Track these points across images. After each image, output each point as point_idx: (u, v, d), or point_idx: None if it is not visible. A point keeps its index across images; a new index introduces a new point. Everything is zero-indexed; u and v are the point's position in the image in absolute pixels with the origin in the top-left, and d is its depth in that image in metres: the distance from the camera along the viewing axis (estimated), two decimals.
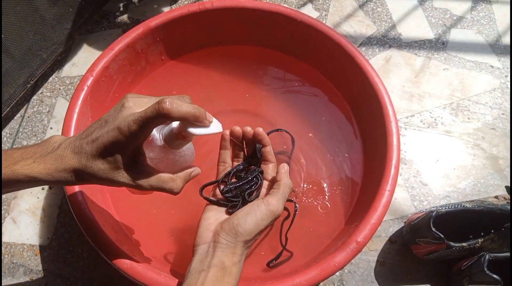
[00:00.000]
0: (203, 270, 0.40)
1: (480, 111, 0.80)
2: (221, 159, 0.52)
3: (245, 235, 0.41)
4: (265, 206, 0.43)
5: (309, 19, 0.70)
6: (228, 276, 0.40)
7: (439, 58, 0.86)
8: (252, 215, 0.43)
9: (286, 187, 0.46)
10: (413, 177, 0.73)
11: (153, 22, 0.69)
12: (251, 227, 0.42)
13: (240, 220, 0.42)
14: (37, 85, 0.83)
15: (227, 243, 0.41)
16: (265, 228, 0.43)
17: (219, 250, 0.41)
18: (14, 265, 0.67)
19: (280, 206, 0.44)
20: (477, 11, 0.92)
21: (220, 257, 0.40)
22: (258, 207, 0.43)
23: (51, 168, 0.38)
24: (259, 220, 0.42)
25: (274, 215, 0.43)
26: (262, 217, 0.43)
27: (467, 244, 0.59)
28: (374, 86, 0.64)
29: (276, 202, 0.44)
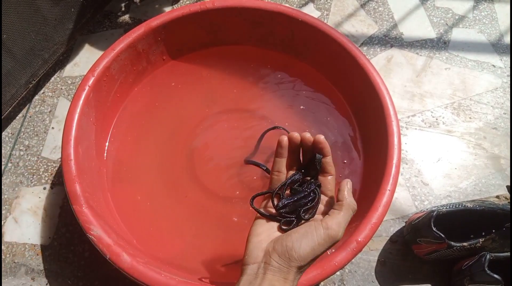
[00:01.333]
0: None
1: (481, 110, 0.80)
2: (276, 168, 0.47)
3: (299, 260, 0.38)
4: (323, 230, 0.39)
5: (311, 18, 0.70)
6: None
7: (440, 58, 0.86)
8: (308, 239, 0.39)
9: (350, 209, 0.42)
10: (414, 176, 0.73)
11: (154, 22, 0.69)
12: (306, 253, 0.38)
13: (295, 244, 0.38)
14: (39, 85, 0.84)
15: (279, 266, 0.38)
16: (321, 253, 0.39)
17: (269, 273, 0.38)
18: (15, 264, 0.67)
19: (340, 231, 0.40)
20: (479, 10, 0.92)
21: (271, 281, 0.37)
22: (315, 230, 0.39)
23: None
24: (316, 246, 0.38)
25: (333, 241, 0.39)
26: (319, 242, 0.39)
27: (468, 244, 0.59)
28: (375, 85, 0.64)
29: (336, 227, 0.39)
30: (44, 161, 0.75)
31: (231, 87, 0.76)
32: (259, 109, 0.74)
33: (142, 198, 0.66)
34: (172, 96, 0.75)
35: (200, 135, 0.71)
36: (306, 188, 0.45)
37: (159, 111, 0.74)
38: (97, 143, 0.67)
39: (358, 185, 0.66)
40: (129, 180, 0.68)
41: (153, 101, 0.75)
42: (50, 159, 0.76)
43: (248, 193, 0.66)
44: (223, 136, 0.72)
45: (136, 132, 0.72)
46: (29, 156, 0.76)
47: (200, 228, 0.64)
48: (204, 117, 0.73)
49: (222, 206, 0.65)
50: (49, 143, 0.77)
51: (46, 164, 0.75)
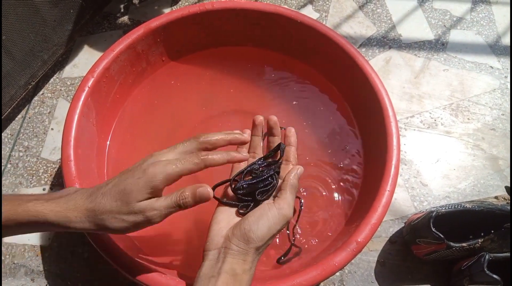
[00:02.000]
0: (213, 276, 0.39)
1: (480, 111, 0.80)
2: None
3: (257, 241, 0.40)
4: (277, 210, 0.42)
5: (309, 20, 0.70)
6: (238, 284, 0.39)
7: (439, 59, 0.86)
8: (264, 220, 0.41)
9: (293, 188, 0.45)
10: (413, 177, 0.74)
11: (154, 23, 0.69)
12: (264, 233, 0.41)
13: (252, 226, 0.41)
14: (38, 86, 0.84)
15: (238, 249, 0.40)
16: (277, 232, 0.42)
17: (229, 256, 0.40)
18: (15, 265, 0.67)
19: (291, 210, 0.43)
20: (477, 12, 0.92)
21: (231, 264, 0.39)
22: (270, 211, 0.42)
23: (63, 206, 0.39)
24: (272, 225, 0.41)
25: (286, 219, 0.42)
26: (274, 222, 0.41)
27: (467, 244, 0.59)
28: (374, 87, 0.64)
29: (287, 206, 0.43)
30: (44, 162, 0.75)
31: (230, 88, 0.76)
32: (258, 110, 0.74)
33: None
34: (172, 97, 0.75)
35: None
36: (265, 173, 0.47)
37: (159, 112, 0.74)
38: (97, 144, 0.67)
39: (358, 185, 0.66)
40: None
41: (153, 102, 0.75)
42: (50, 160, 0.75)
43: None
44: None
45: (136, 133, 0.72)
46: (28, 157, 0.76)
47: (200, 229, 0.64)
48: (204, 118, 0.73)
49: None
50: (48, 144, 0.77)
51: (45, 165, 0.75)
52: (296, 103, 0.75)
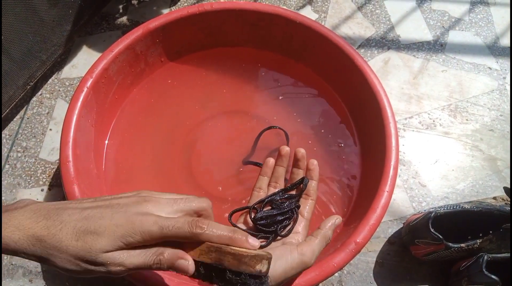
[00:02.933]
0: None
1: (478, 112, 0.81)
2: (258, 185, 0.50)
3: (271, 281, 0.37)
4: (298, 255, 0.40)
5: (308, 21, 0.70)
6: None
7: (437, 60, 0.86)
8: (282, 261, 0.39)
9: (325, 239, 0.43)
10: (411, 178, 0.74)
11: (152, 24, 0.69)
12: (279, 274, 0.38)
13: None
14: (36, 87, 0.84)
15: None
16: (291, 276, 0.40)
17: None
18: (13, 266, 0.67)
19: (313, 259, 0.41)
20: (475, 13, 0.93)
21: None
22: (290, 253, 0.40)
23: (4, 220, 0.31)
24: (288, 269, 0.39)
25: (305, 267, 0.40)
26: (292, 266, 0.39)
27: (466, 245, 0.59)
28: (373, 87, 0.64)
29: (310, 254, 0.40)
30: (42, 163, 0.75)
31: (229, 88, 0.76)
32: (257, 111, 0.74)
33: None
34: (170, 97, 0.75)
35: (198, 136, 0.71)
36: (286, 206, 0.46)
37: (157, 113, 0.74)
38: (96, 144, 0.66)
39: (356, 186, 0.66)
40: (128, 182, 0.68)
41: (152, 102, 0.75)
42: (48, 161, 0.75)
43: (247, 194, 0.66)
44: (220, 137, 0.72)
45: (135, 134, 0.72)
46: (26, 157, 0.76)
47: None
48: (202, 119, 0.73)
49: (220, 206, 0.65)
50: (46, 145, 0.77)
51: (44, 165, 0.75)
52: (294, 103, 0.75)
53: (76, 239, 0.31)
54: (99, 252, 0.31)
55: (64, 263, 0.31)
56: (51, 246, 0.31)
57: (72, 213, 0.32)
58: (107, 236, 0.31)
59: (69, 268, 0.31)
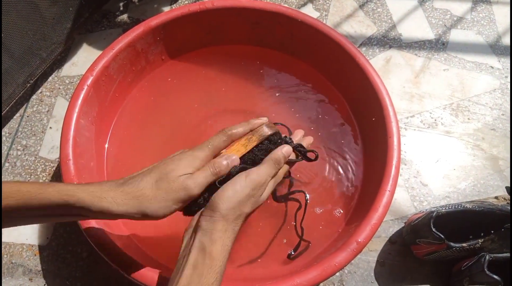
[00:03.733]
0: (186, 255, 0.38)
1: (480, 111, 0.80)
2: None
3: (223, 206, 0.39)
4: (244, 176, 0.42)
5: (310, 19, 0.70)
6: (209, 258, 0.37)
7: (439, 59, 0.86)
8: (229, 185, 0.41)
9: (271, 161, 0.44)
10: (413, 177, 0.73)
11: (153, 22, 0.69)
12: (229, 195, 0.40)
13: (219, 192, 0.40)
14: (36, 85, 0.83)
15: (206, 222, 0.39)
16: (245, 198, 0.41)
17: (199, 231, 0.39)
18: (13, 265, 0.67)
19: (261, 175, 0.42)
20: (477, 12, 0.92)
21: (200, 237, 0.39)
22: (238, 177, 0.42)
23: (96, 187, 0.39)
24: (238, 188, 0.40)
25: (255, 183, 0.41)
26: (240, 185, 0.41)
27: (467, 245, 0.59)
28: (374, 86, 0.64)
29: (255, 172, 0.42)
30: (42, 161, 0.75)
31: (230, 87, 0.76)
32: (258, 109, 0.74)
33: None
34: (171, 95, 0.75)
35: (200, 134, 0.71)
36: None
37: (158, 111, 0.73)
38: (97, 143, 0.66)
39: (358, 185, 0.66)
40: None
41: (152, 101, 0.74)
42: (48, 159, 0.75)
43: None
44: None
45: (136, 132, 0.71)
46: (26, 156, 0.76)
47: None
48: (203, 117, 0.73)
49: None
50: (46, 143, 0.77)
51: (44, 164, 0.75)
52: (295, 101, 0.74)
53: (155, 180, 0.40)
54: (175, 178, 0.39)
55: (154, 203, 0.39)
56: (139, 194, 0.39)
57: (142, 171, 0.42)
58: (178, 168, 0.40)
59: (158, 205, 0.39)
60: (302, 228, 0.59)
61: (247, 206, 0.41)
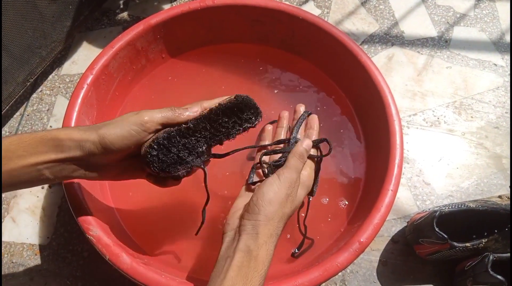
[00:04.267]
0: (229, 256, 0.39)
1: (483, 109, 0.80)
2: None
3: (266, 208, 0.41)
4: (277, 176, 0.43)
5: (311, 16, 0.69)
6: (254, 261, 0.38)
7: (442, 56, 0.85)
8: (267, 187, 0.42)
9: (295, 155, 0.47)
10: (415, 176, 0.73)
11: (153, 20, 0.68)
12: (269, 198, 0.41)
13: (258, 195, 0.42)
14: (36, 83, 0.83)
15: (250, 224, 0.40)
16: (285, 198, 0.42)
17: (244, 234, 0.40)
18: (13, 264, 0.66)
19: (292, 173, 0.44)
20: (481, 9, 0.91)
21: (245, 240, 0.39)
22: (272, 178, 0.44)
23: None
24: (277, 190, 0.42)
25: (288, 181, 0.43)
26: (278, 186, 0.42)
27: (471, 244, 0.59)
28: (377, 84, 0.63)
29: (287, 170, 0.44)
30: None
31: (231, 85, 0.75)
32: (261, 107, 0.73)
33: (143, 198, 0.65)
34: (172, 94, 0.75)
35: None
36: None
37: None
38: None
39: (360, 184, 0.66)
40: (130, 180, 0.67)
41: (153, 99, 0.74)
42: None
43: None
44: None
45: None
46: None
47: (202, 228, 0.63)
48: None
49: (224, 204, 0.65)
50: None
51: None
52: (296, 99, 0.73)
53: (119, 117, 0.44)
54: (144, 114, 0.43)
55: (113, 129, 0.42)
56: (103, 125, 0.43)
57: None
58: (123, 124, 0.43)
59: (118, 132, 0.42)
60: (305, 226, 0.58)
61: (288, 207, 0.43)
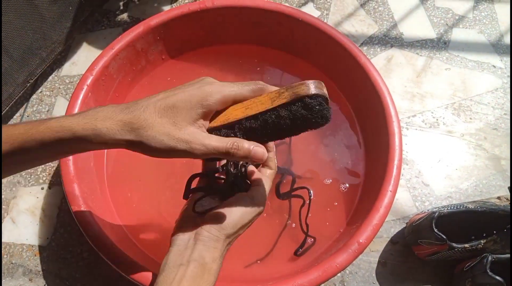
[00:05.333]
0: (182, 264, 0.37)
1: (482, 111, 0.80)
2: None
3: (229, 228, 0.39)
4: (249, 200, 0.41)
5: (310, 18, 0.69)
6: (208, 273, 0.37)
7: (441, 58, 0.85)
8: (237, 207, 0.40)
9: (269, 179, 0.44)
10: (414, 177, 0.73)
11: (153, 21, 0.69)
12: (236, 219, 0.40)
13: (226, 212, 0.40)
14: (36, 84, 0.83)
15: (210, 236, 0.39)
16: (248, 223, 0.41)
17: (200, 243, 0.38)
18: (13, 265, 0.66)
19: (263, 203, 0.42)
20: (479, 11, 0.92)
21: (201, 251, 0.38)
22: (243, 199, 0.41)
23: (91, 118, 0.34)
24: (244, 213, 0.40)
25: (258, 210, 0.41)
26: (247, 210, 0.40)
27: (470, 245, 0.59)
28: (376, 86, 0.64)
29: (261, 198, 0.42)
30: None
31: None
32: None
33: (143, 199, 0.65)
34: None
35: None
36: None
37: None
38: None
39: (359, 186, 0.66)
40: (129, 181, 0.67)
41: None
42: None
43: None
44: None
45: None
46: None
47: None
48: None
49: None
50: None
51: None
52: None
53: (159, 116, 0.34)
54: (183, 123, 0.35)
55: (151, 140, 0.34)
56: (138, 126, 0.34)
57: (149, 98, 0.36)
58: (186, 106, 0.35)
59: (155, 145, 0.34)
60: (307, 225, 0.59)
61: (245, 229, 0.42)
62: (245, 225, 0.41)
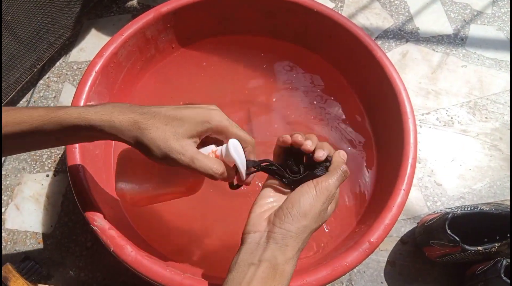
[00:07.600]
0: (253, 264, 0.36)
1: (498, 110, 0.78)
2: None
3: (300, 222, 0.37)
4: (314, 185, 0.39)
5: (326, 9, 0.67)
6: (280, 275, 0.36)
7: (457, 55, 0.83)
8: (304, 197, 0.38)
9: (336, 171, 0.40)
10: (427, 176, 0.71)
11: (164, 8, 0.67)
12: (305, 210, 0.37)
13: (294, 204, 0.38)
14: (43, 70, 0.82)
15: (282, 232, 0.37)
16: (318, 213, 0.38)
17: (272, 242, 0.37)
18: (16, 252, 0.66)
19: (331, 182, 0.39)
20: (499, 7, 0.89)
21: (273, 250, 0.36)
22: (308, 188, 0.39)
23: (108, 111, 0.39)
24: (313, 203, 0.38)
25: (326, 195, 0.38)
26: (315, 198, 0.38)
27: (483, 248, 0.57)
28: (392, 81, 0.62)
29: (325, 182, 0.39)
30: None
31: (241, 78, 0.74)
32: (269, 102, 0.72)
33: None
34: (181, 85, 0.73)
35: None
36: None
37: (168, 100, 0.72)
38: None
39: (371, 183, 0.64)
40: None
41: (161, 90, 0.73)
42: None
43: (257, 186, 0.64)
44: None
45: None
46: None
47: (207, 223, 0.62)
48: None
49: (229, 200, 0.63)
50: None
51: (49, 150, 0.73)
52: (307, 96, 0.72)
53: (165, 123, 0.39)
54: (183, 134, 0.39)
55: (151, 143, 0.38)
56: (145, 127, 0.38)
57: (162, 106, 0.40)
58: (190, 121, 0.39)
59: (152, 148, 0.38)
60: None
61: (318, 222, 0.39)
62: (317, 217, 0.38)
